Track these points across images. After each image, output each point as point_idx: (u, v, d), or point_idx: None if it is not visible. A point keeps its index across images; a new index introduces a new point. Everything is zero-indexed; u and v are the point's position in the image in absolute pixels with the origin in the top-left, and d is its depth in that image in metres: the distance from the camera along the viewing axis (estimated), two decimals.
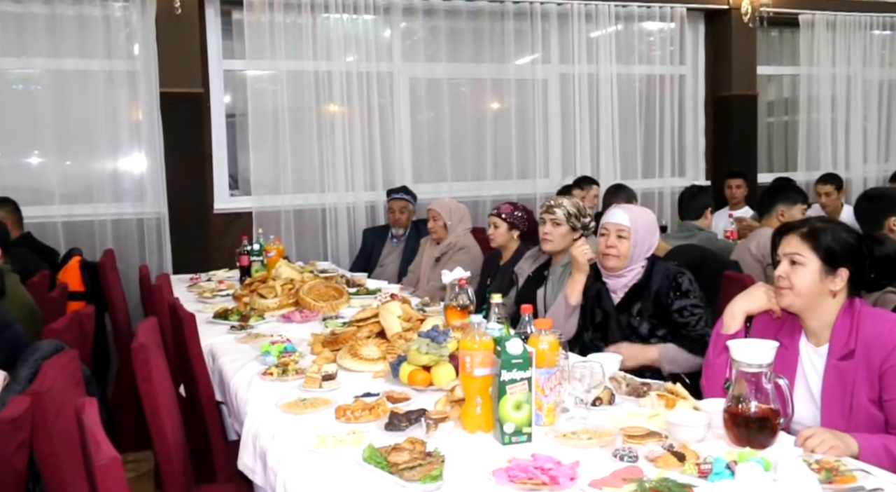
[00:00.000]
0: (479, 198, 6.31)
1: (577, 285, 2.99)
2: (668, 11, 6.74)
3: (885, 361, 1.90)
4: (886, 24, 7.60)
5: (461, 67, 6.35)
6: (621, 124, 6.68)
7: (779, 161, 7.80)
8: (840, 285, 2.02)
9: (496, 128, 6.40)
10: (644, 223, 2.91)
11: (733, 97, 7.02)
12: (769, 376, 1.83)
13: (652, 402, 2.11)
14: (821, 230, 2.04)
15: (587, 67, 6.52)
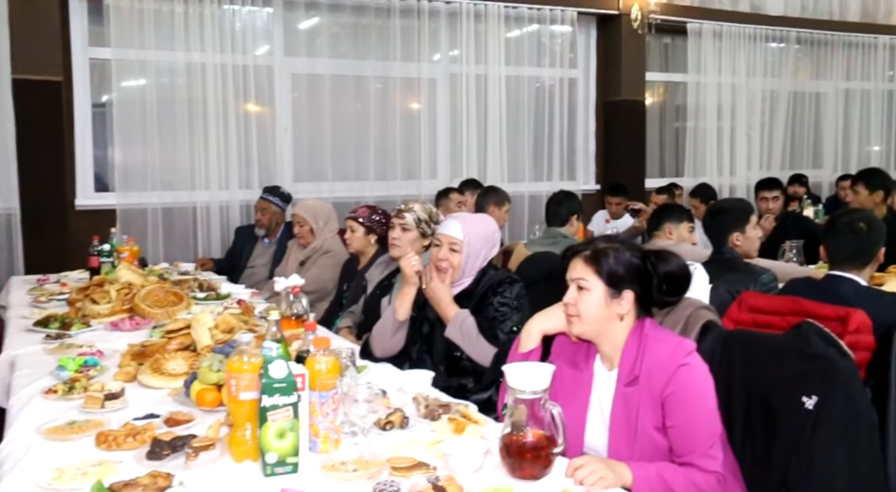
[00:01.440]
0: (361, 198, 6.11)
1: (405, 299, 2.83)
2: (559, 15, 6.71)
3: (666, 386, 1.82)
4: (770, 37, 7.77)
5: (346, 64, 6.17)
6: (510, 126, 6.62)
7: (669, 166, 7.89)
8: (627, 308, 1.93)
9: (381, 127, 6.24)
10: (479, 235, 2.80)
11: (623, 102, 7.05)
12: (545, 402, 1.73)
13: (443, 426, 2.00)
14: (603, 252, 1.94)
15: (475, 68, 6.43)
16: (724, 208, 3.56)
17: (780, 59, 7.91)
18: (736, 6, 7.55)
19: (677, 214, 3.89)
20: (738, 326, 2.75)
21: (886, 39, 8.43)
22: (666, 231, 3.80)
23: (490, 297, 2.79)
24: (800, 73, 8.12)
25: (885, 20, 8.41)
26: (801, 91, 8.16)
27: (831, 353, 1.89)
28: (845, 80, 8.36)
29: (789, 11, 7.83)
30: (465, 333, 2.73)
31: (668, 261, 1.95)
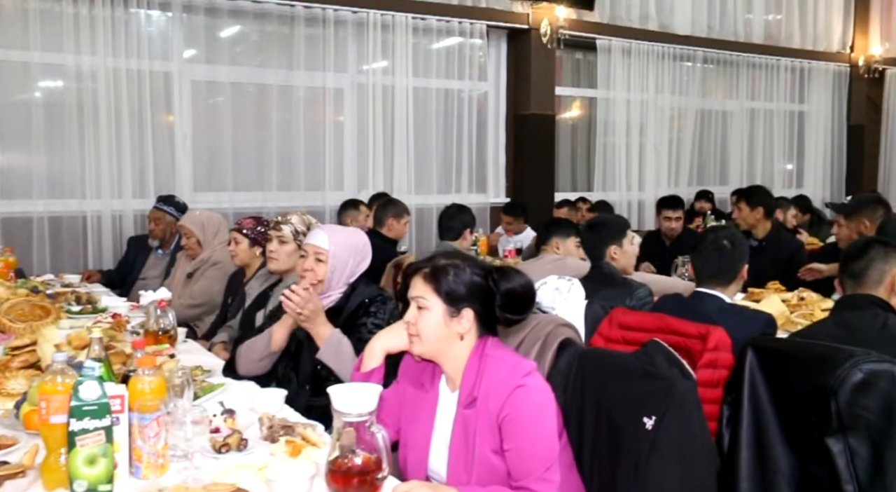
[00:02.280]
0: (262, 209, 5.97)
1: (283, 331, 2.65)
2: (469, 27, 6.71)
3: (502, 409, 1.77)
4: (677, 55, 7.94)
5: (248, 72, 6.03)
6: (418, 138, 6.58)
7: (582, 181, 7.97)
8: (467, 327, 1.87)
9: (284, 136, 6.12)
10: (346, 246, 2.70)
11: (532, 116, 7.08)
12: (371, 425, 1.65)
13: (280, 449, 1.90)
14: (442, 270, 1.88)
15: (383, 78, 6.37)
16: (601, 222, 3.55)
17: (687, 78, 8.09)
18: (645, 24, 7.69)
19: (565, 228, 3.88)
20: (608, 343, 2.74)
21: (788, 62, 8.72)
22: (553, 245, 3.79)
23: (362, 317, 2.68)
24: (707, 92, 8.32)
25: (786, 43, 8.70)
26: (708, 109, 8.36)
27: (672, 373, 1.87)
28: (750, 100, 8.61)
29: (696, 31, 8.03)
30: (341, 355, 2.62)
31: (511, 278, 1.90)
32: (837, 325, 2.42)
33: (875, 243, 2.48)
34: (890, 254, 2.45)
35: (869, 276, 2.44)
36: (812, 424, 2.10)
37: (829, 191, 9.21)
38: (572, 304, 3.03)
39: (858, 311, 2.39)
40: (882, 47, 9.35)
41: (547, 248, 3.83)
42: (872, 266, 2.43)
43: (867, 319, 2.34)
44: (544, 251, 3.85)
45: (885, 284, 2.44)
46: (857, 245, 2.52)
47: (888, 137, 9.70)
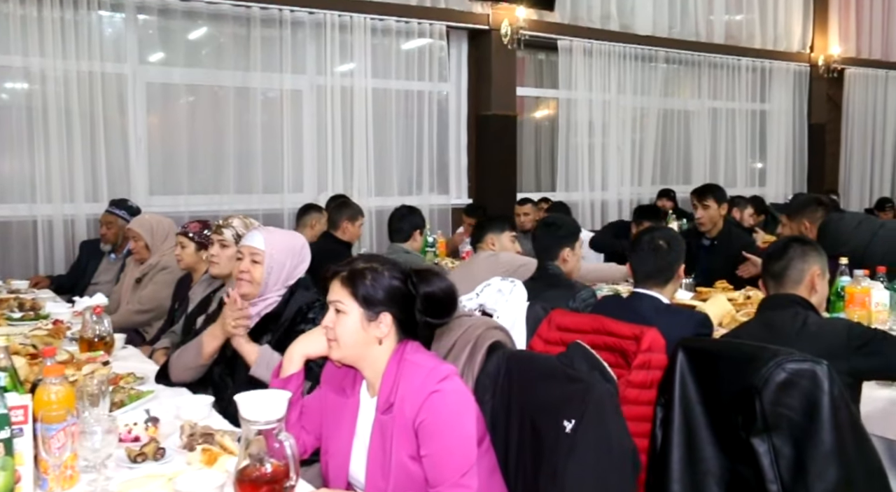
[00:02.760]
0: (219, 212, 5.88)
1: (214, 343, 2.58)
2: (428, 28, 6.69)
3: (418, 414, 1.74)
4: (639, 56, 7.97)
5: (204, 73, 5.97)
6: (377, 140, 6.54)
7: (546, 181, 7.96)
8: (385, 331, 1.85)
9: (241, 138, 6.06)
10: (283, 248, 2.66)
11: (494, 116, 7.07)
12: (279, 432, 1.62)
13: (196, 457, 1.86)
14: (359, 274, 1.85)
15: (341, 80, 6.33)
16: (557, 223, 3.52)
17: (649, 78, 8.12)
18: (606, 25, 7.70)
19: (499, 223, 3.85)
20: (547, 345, 2.72)
21: (749, 61, 8.79)
22: (488, 242, 3.77)
23: (300, 323, 2.64)
24: (669, 92, 8.36)
25: (747, 43, 8.76)
26: (670, 109, 8.40)
27: (592, 376, 1.85)
28: (712, 100, 8.66)
29: (658, 31, 8.06)
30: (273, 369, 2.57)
31: (430, 282, 1.87)
32: (761, 325, 2.42)
33: (794, 243, 2.49)
34: (808, 253, 2.46)
35: (789, 275, 2.45)
36: (739, 424, 2.10)
37: (791, 189, 9.28)
38: (514, 305, 3.01)
39: (780, 310, 2.39)
40: (840, 47, 9.46)
41: (482, 245, 3.81)
42: (792, 266, 2.44)
43: (788, 319, 2.34)
44: (480, 249, 3.83)
45: (804, 282, 2.45)
46: (776, 246, 2.53)
47: (848, 135, 9.81)
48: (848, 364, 2.21)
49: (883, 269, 3.24)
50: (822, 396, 1.94)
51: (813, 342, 2.23)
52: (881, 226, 3.94)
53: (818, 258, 2.47)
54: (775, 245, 2.54)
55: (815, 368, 1.95)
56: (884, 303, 3.04)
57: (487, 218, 4.12)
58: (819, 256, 2.48)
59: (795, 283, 2.44)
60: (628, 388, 2.40)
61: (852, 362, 2.22)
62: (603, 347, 2.57)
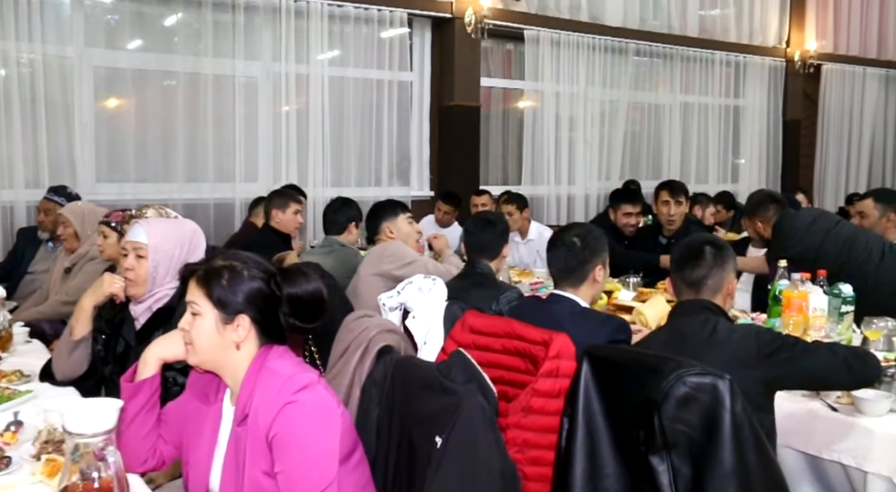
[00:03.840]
0: (168, 201, 5.72)
1: (81, 315, 2.50)
2: (388, 15, 6.51)
3: (271, 427, 1.60)
4: (609, 47, 7.80)
5: (153, 58, 5.76)
6: (334, 129, 6.37)
7: (513, 174, 7.81)
8: (243, 335, 1.70)
9: (191, 125, 5.87)
10: (169, 238, 2.50)
11: (456, 107, 6.91)
12: (106, 446, 1.47)
13: (40, 468, 1.71)
14: (215, 273, 1.71)
15: (296, 67, 6.14)
16: (493, 219, 3.35)
17: (619, 71, 7.95)
18: (575, 15, 7.54)
19: (390, 209, 3.63)
20: (460, 347, 2.58)
21: (723, 55, 8.64)
22: (385, 232, 3.59)
23: None
24: (639, 85, 8.20)
25: (722, 37, 8.62)
26: (640, 102, 8.26)
27: (466, 389, 1.70)
28: (684, 94, 8.51)
29: (629, 23, 7.90)
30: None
31: (297, 283, 1.73)
32: (670, 333, 2.29)
33: (707, 247, 2.32)
34: (726, 259, 2.31)
35: (708, 285, 2.30)
36: (640, 439, 1.97)
37: (765, 186, 9.15)
38: (432, 304, 2.87)
39: (690, 317, 2.26)
40: (817, 43, 9.33)
41: (379, 237, 3.64)
42: (711, 275, 2.29)
43: (697, 326, 2.21)
44: (378, 241, 3.66)
45: (722, 291, 2.31)
46: (690, 249, 2.34)
47: (824, 132, 9.70)
48: (759, 372, 2.08)
49: (823, 272, 3.11)
50: (723, 412, 1.81)
51: (722, 350, 2.10)
52: (836, 224, 3.82)
53: (733, 262, 2.33)
54: (687, 248, 2.35)
55: (717, 382, 1.82)
56: (822, 308, 2.90)
57: (376, 206, 3.86)
58: (732, 261, 2.34)
59: (714, 292, 2.30)
60: (534, 396, 2.27)
61: (764, 371, 2.09)
62: (514, 352, 2.43)
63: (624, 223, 5.27)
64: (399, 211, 3.63)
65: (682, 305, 2.34)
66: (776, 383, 2.12)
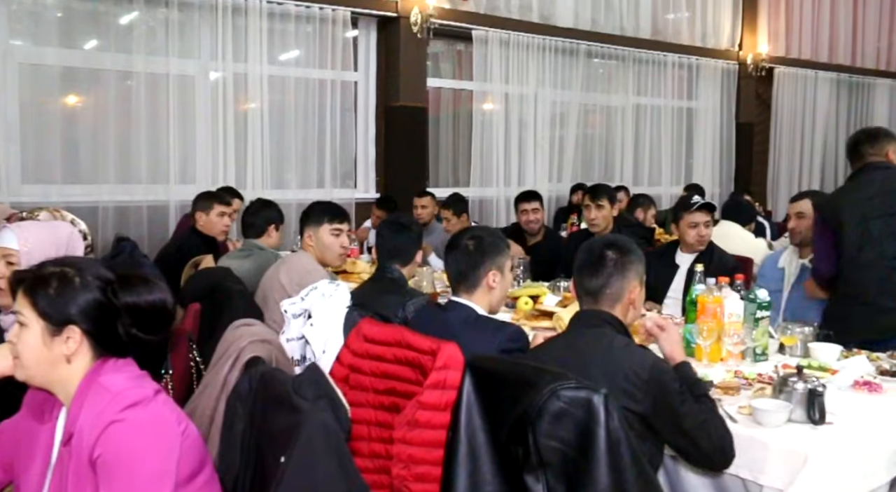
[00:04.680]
0: (98, 203, 5.57)
1: None
2: (331, 14, 6.38)
3: (94, 448, 1.47)
4: (560, 49, 7.74)
5: (82, 55, 5.59)
6: (274, 130, 6.23)
7: (463, 176, 7.71)
8: (73, 348, 1.57)
9: (124, 125, 5.70)
10: (42, 242, 2.34)
11: (402, 108, 6.79)
12: None
13: None
14: (42, 281, 1.57)
15: (234, 66, 6.00)
16: (407, 223, 3.21)
17: (570, 72, 7.89)
18: (525, 16, 7.46)
19: (317, 215, 3.42)
20: (355, 357, 2.46)
21: (675, 58, 8.62)
22: (306, 239, 3.43)
23: None
24: (591, 87, 8.14)
25: (674, 39, 8.59)
26: (592, 104, 8.21)
27: (315, 406, 1.58)
28: (637, 96, 8.47)
29: (580, 24, 7.84)
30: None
31: (136, 291, 1.60)
32: (566, 344, 2.18)
33: (608, 252, 2.17)
34: (627, 266, 2.17)
35: (607, 294, 2.17)
36: (519, 457, 1.87)
37: (719, 189, 9.17)
38: (333, 309, 2.75)
39: (588, 329, 2.15)
40: (769, 46, 9.35)
41: (302, 243, 3.48)
42: (610, 284, 2.16)
43: (593, 340, 2.10)
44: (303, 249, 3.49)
45: (623, 301, 2.19)
46: (589, 254, 2.19)
47: (777, 134, 9.73)
48: (642, 407, 1.97)
49: (741, 277, 3.03)
50: (597, 429, 1.71)
51: (613, 370, 1.99)
52: None
53: (637, 269, 2.21)
54: (587, 252, 2.21)
55: (592, 396, 1.72)
56: (737, 313, 2.81)
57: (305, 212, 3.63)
58: (638, 266, 2.22)
59: (614, 301, 2.18)
60: (420, 409, 2.15)
61: (643, 406, 1.96)
62: (404, 361, 2.32)
63: (523, 221, 5.23)
64: (326, 220, 3.36)
65: (583, 316, 2.21)
66: (655, 426, 1.99)
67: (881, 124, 10.56)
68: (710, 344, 2.77)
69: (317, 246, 3.47)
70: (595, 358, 2.03)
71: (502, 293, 2.52)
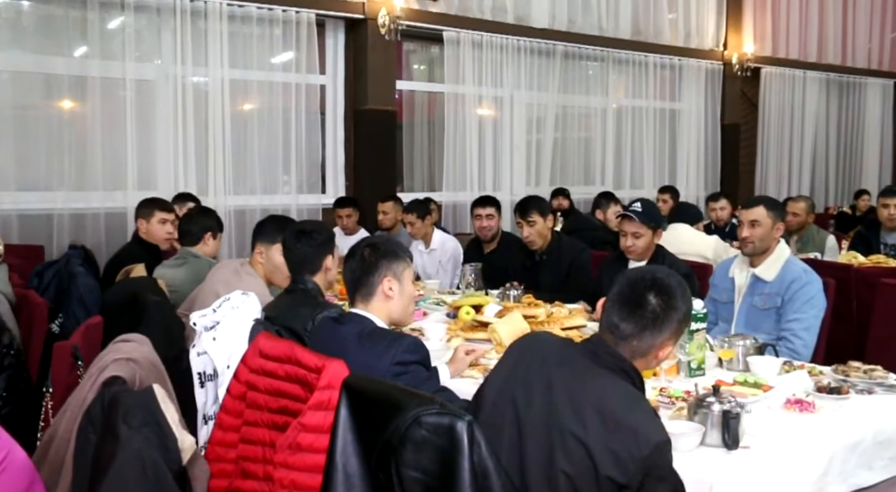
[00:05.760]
0: (53, 211, 5.45)
1: None
2: (294, 16, 6.24)
3: None
4: (535, 50, 7.59)
5: (33, 59, 5.45)
6: (236, 135, 6.09)
7: (438, 180, 7.55)
8: None
9: (79, 130, 5.56)
10: None
11: (370, 111, 6.65)
12: None
13: None
14: None
15: (193, 70, 5.86)
16: (309, 230, 2.95)
17: (546, 73, 7.73)
18: (499, 17, 7.32)
19: (272, 231, 3.24)
20: (251, 373, 2.32)
21: (657, 58, 8.46)
22: (255, 254, 3.27)
23: None
24: (568, 89, 7.98)
25: (655, 40, 8.43)
26: (570, 106, 8.04)
27: (135, 434, 1.44)
28: (617, 97, 8.31)
29: (556, 25, 7.69)
30: None
31: None
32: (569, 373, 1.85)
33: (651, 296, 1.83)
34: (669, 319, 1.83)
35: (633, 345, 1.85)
36: (383, 486, 1.72)
37: (704, 191, 8.99)
38: (239, 322, 2.60)
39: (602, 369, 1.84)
40: (755, 46, 9.18)
41: (252, 258, 3.31)
42: (641, 336, 1.83)
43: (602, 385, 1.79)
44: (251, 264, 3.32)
45: (647, 357, 1.88)
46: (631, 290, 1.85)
47: (764, 136, 9.55)
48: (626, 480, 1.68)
49: None
50: (460, 458, 1.56)
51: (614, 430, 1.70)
52: None
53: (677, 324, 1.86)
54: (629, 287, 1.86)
55: (455, 423, 1.57)
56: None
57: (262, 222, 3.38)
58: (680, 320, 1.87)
59: (635, 354, 1.86)
60: (303, 432, 2.01)
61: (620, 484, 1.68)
62: (295, 379, 2.18)
63: (476, 227, 5.00)
64: (280, 239, 3.02)
65: (597, 349, 1.88)
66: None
67: (873, 124, 10.45)
68: None
69: (267, 264, 3.28)
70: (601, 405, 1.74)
71: (403, 304, 2.36)
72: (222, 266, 3.33)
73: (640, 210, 3.70)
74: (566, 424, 1.73)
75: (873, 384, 2.55)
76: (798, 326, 3.07)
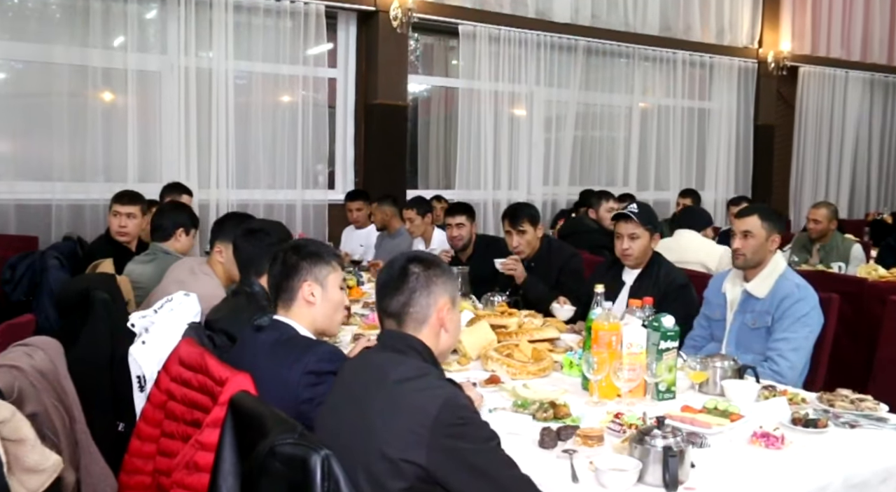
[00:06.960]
0: (50, 201, 5.41)
1: None
2: (303, 7, 6.11)
3: None
4: (556, 45, 7.33)
5: (34, 48, 5.41)
6: (239, 127, 5.99)
7: (452, 177, 7.34)
8: None
9: (80, 121, 5.52)
10: None
11: (381, 106, 6.49)
12: None
13: None
14: None
15: (197, 61, 5.78)
16: (258, 229, 2.80)
17: (568, 70, 7.47)
18: (519, 10, 7.09)
19: (230, 229, 3.12)
20: (171, 381, 2.18)
21: (686, 55, 8.13)
22: (214, 252, 3.12)
23: None
24: (591, 86, 7.70)
25: (685, 36, 8.10)
26: (593, 104, 7.77)
27: None
28: (643, 95, 8.01)
29: (579, 19, 7.43)
30: None
31: None
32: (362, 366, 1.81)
33: (412, 265, 1.82)
34: (432, 280, 1.81)
35: (411, 314, 1.80)
36: None
37: (734, 194, 8.61)
38: (174, 325, 2.46)
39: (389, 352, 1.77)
40: (793, 44, 8.78)
41: (210, 256, 3.16)
42: (413, 301, 1.80)
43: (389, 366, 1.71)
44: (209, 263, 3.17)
45: (430, 322, 1.82)
46: (391, 270, 1.84)
47: (801, 138, 9.14)
48: (425, 456, 1.55)
49: (649, 300, 2.64)
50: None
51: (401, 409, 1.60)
52: None
53: (446, 286, 1.84)
54: (389, 267, 1.86)
55: (309, 456, 1.38)
56: (639, 344, 2.42)
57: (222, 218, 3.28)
58: (447, 283, 1.85)
59: (419, 323, 1.82)
60: (200, 450, 1.85)
61: (430, 457, 1.55)
62: (205, 390, 2.03)
63: (447, 236, 4.73)
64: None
65: (383, 337, 1.84)
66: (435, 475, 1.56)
67: None
68: (600, 379, 2.40)
69: (227, 263, 3.12)
70: (383, 392, 1.64)
71: (326, 311, 2.17)
72: (179, 265, 3.20)
73: (637, 211, 3.48)
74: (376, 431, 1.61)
75: (859, 416, 2.29)
76: (786, 347, 2.80)
